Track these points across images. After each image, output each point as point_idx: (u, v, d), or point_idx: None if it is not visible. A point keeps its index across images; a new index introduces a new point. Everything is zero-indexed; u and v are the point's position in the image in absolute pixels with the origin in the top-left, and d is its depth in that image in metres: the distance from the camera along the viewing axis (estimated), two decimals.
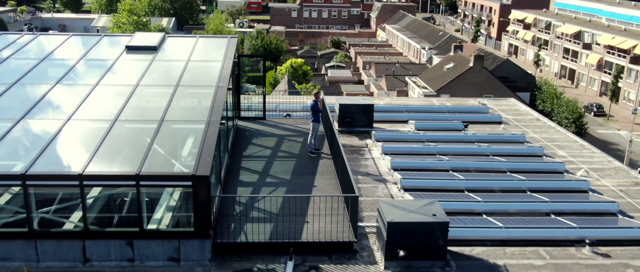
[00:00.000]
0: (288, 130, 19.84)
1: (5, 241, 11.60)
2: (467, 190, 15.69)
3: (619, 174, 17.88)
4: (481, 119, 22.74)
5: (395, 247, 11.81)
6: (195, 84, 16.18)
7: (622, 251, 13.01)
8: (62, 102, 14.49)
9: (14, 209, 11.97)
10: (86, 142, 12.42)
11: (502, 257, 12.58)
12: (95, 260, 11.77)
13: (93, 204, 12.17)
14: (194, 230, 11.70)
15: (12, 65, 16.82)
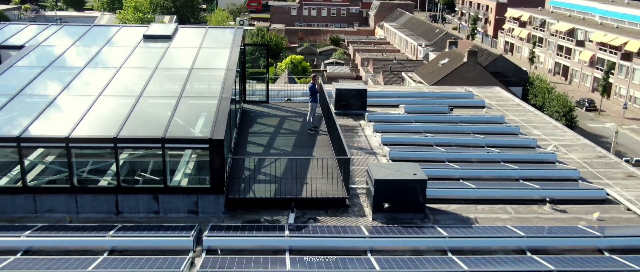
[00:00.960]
0: (289, 112, 21.93)
1: (51, 195, 13.67)
2: (448, 160, 17.78)
3: (585, 149, 19.99)
4: (466, 103, 24.82)
5: (382, 202, 13.89)
6: (207, 67, 18.25)
7: (577, 208, 15.09)
8: (92, 82, 16.56)
9: (58, 168, 14.05)
10: (116, 113, 14.49)
11: (473, 212, 14.67)
12: (126, 212, 13.84)
13: (124, 164, 14.24)
14: (210, 187, 13.78)
15: (44, 51, 18.89)
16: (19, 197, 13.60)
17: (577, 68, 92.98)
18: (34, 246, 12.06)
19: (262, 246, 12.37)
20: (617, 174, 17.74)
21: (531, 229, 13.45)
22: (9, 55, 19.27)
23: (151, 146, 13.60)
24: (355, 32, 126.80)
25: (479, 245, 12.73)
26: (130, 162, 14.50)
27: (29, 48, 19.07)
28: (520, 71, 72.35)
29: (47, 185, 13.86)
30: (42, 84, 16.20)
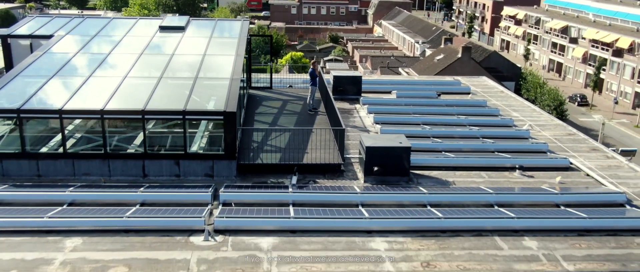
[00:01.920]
0: (291, 96, 24.15)
1: (87, 160, 15.88)
2: (432, 136, 19.99)
3: (557, 128, 22.23)
4: (453, 90, 27.04)
5: (372, 166, 16.10)
6: (218, 53, 20.45)
7: (544, 174, 17.31)
8: (118, 65, 18.76)
9: (94, 137, 16.26)
10: (142, 91, 16.69)
11: (452, 177, 16.88)
12: (151, 175, 16.05)
13: (150, 134, 16.46)
14: (224, 153, 15.99)
15: (72, 39, 21.09)
16: (59, 162, 15.81)
17: (570, 65, 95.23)
18: (77, 199, 14.26)
19: (270, 199, 14.57)
20: (582, 148, 19.97)
21: (500, 189, 15.68)
22: (39, 44, 21.45)
23: (174, 117, 15.82)
24: (354, 30, 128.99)
25: (454, 200, 14.95)
26: (155, 132, 16.70)
27: (57, 37, 21.28)
28: (513, 67, 74.60)
29: (83, 151, 16.05)
30: (75, 67, 18.41)
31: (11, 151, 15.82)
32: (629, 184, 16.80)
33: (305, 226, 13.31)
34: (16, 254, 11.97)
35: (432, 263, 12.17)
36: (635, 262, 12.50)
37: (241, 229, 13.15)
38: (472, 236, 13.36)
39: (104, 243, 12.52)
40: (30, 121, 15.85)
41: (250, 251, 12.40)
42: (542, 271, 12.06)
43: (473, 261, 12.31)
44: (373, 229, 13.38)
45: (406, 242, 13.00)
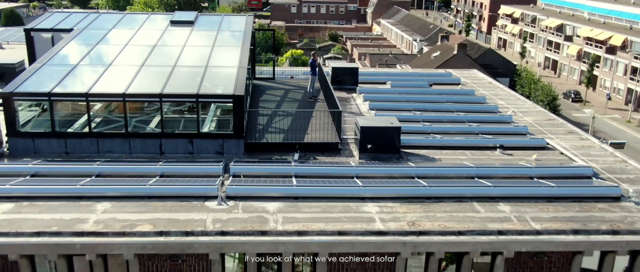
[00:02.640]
0: (292, 86, 25.95)
1: (110, 139, 17.67)
2: (423, 120, 21.78)
3: (539, 114, 24.03)
4: (444, 81, 28.84)
5: (366, 144, 17.90)
6: (226, 44, 22.24)
7: (522, 152, 19.10)
8: (135, 54, 20.56)
9: (116, 117, 18.05)
10: (158, 78, 18.48)
11: (438, 155, 18.67)
12: (167, 152, 17.84)
13: (167, 115, 18.26)
14: (233, 133, 17.79)
15: (92, 32, 22.88)
16: (85, 141, 17.61)
17: (565, 62, 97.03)
18: (103, 171, 16.04)
19: (275, 172, 16.37)
20: (560, 131, 21.78)
21: (481, 164, 17.48)
22: (60, 37, 23.24)
23: (188, 99, 17.62)
24: (353, 28, 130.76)
25: (438, 172, 16.76)
26: (171, 112, 18.50)
27: (77, 31, 23.06)
28: (508, 64, 76.39)
29: (107, 131, 17.84)
30: (96, 56, 20.21)
31: (42, 130, 17.62)
32: (598, 161, 18.62)
33: (306, 193, 15.12)
34: (55, 215, 13.77)
35: (417, 222, 13.97)
36: (595, 222, 14.31)
37: (250, 196, 14.95)
38: (453, 201, 15.17)
39: (130, 206, 14.32)
40: (59, 103, 17.63)
41: (258, 213, 14.20)
42: (512, 229, 13.87)
43: (453, 221, 14.11)
44: (366, 195, 15.18)
45: (395, 206, 14.80)
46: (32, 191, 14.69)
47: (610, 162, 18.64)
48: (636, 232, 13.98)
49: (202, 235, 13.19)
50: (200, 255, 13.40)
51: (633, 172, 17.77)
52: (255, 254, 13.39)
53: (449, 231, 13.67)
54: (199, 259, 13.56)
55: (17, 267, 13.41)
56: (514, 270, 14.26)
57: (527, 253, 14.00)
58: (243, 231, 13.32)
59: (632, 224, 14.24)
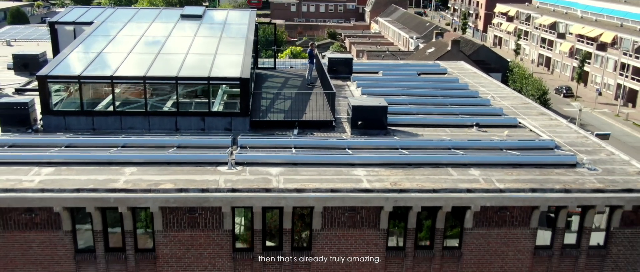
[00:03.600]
0: (291, 75, 28.37)
1: (131, 117, 20.07)
2: (409, 103, 24.20)
3: (516, 99, 26.48)
4: (432, 70, 31.24)
5: (357, 121, 20.32)
6: (232, 36, 24.67)
7: (496, 130, 21.51)
8: (152, 44, 22.97)
9: (137, 98, 20.47)
10: (174, 63, 20.90)
11: (421, 131, 21.08)
12: (182, 129, 20.24)
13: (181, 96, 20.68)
14: (240, 111, 20.20)
15: (111, 25, 25.29)
16: (110, 118, 20.02)
17: (558, 59, 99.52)
18: (128, 143, 18.45)
19: (277, 143, 18.79)
20: (532, 112, 24.22)
21: (457, 138, 19.92)
22: (81, 29, 25.64)
23: (200, 82, 20.05)
24: (351, 27, 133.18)
25: (419, 145, 19.18)
26: (185, 93, 20.93)
27: (97, 23, 25.47)
28: (500, 59, 78.86)
29: (129, 110, 20.26)
30: (117, 45, 22.64)
31: (72, 109, 20.05)
32: (562, 136, 21.06)
33: (304, 160, 17.56)
34: (90, 177, 16.21)
35: (398, 183, 16.42)
36: (551, 183, 16.75)
37: (255, 162, 17.39)
38: (430, 167, 17.60)
39: (153, 171, 16.75)
40: (86, 85, 20.04)
41: (263, 175, 16.64)
42: (479, 188, 16.33)
43: (429, 182, 16.56)
44: (355, 162, 17.62)
45: (380, 171, 17.24)
46: (68, 158, 17.13)
47: (573, 137, 21.09)
48: (585, 190, 16.43)
49: (216, 192, 15.63)
50: (214, 208, 15.83)
51: (591, 146, 20.22)
52: (261, 207, 15.82)
53: (425, 189, 16.12)
54: (213, 213, 15.99)
55: (59, 220, 15.85)
56: (481, 223, 16.69)
57: (492, 208, 16.43)
58: (250, 188, 15.77)
59: (582, 185, 16.69)
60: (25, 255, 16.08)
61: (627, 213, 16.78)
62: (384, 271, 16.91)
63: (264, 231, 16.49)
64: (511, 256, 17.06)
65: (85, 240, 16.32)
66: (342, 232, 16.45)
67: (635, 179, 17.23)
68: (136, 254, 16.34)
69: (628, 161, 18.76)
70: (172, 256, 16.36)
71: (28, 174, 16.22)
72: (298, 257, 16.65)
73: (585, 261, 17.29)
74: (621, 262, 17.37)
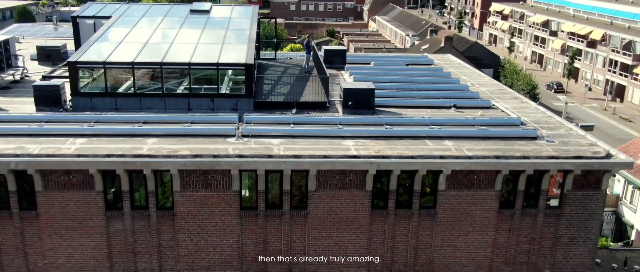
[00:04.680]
0: (291, 64, 31.17)
1: (150, 98, 22.84)
2: (396, 88, 26.97)
3: (492, 86, 29.27)
4: (419, 61, 34.04)
5: (348, 102, 23.10)
6: (237, 28, 27.44)
7: (471, 110, 24.27)
8: (166, 36, 25.74)
9: (155, 82, 23.25)
10: (186, 51, 23.66)
11: (402, 111, 23.82)
12: (194, 108, 22.99)
13: (193, 79, 23.44)
14: (245, 93, 22.98)
15: (127, 18, 28.06)
16: (131, 99, 22.79)
17: (550, 56, 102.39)
18: (148, 119, 21.21)
19: (278, 120, 21.57)
20: (506, 97, 27.02)
21: (435, 117, 22.71)
22: (101, 23, 28.41)
23: (210, 67, 22.83)
24: (350, 25, 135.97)
25: (402, 121, 21.97)
26: (196, 78, 23.71)
27: (115, 18, 28.25)
28: (492, 56, 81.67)
29: (147, 92, 23.04)
30: (134, 36, 25.42)
31: (98, 91, 22.83)
32: (529, 116, 23.85)
33: (301, 133, 20.36)
34: (118, 145, 18.99)
35: (381, 151, 19.20)
36: (512, 152, 19.52)
37: (259, 134, 20.17)
38: (410, 139, 20.39)
39: (172, 141, 19.53)
40: (111, 70, 22.82)
41: (265, 145, 19.42)
42: (450, 154, 19.11)
43: (408, 150, 19.34)
44: (345, 135, 20.42)
45: (366, 142, 20.02)
46: (98, 131, 19.93)
47: (539, 117, 23.89)
48: (541, 157, 19.22)
49: (226, 157, 18.43)
50: (224, 171, 18.62)
51: (553, 124, 23.01)
52: (264, 170, 18.62)
53: (404, 156, 18.92)
54: (223, 175, 18.78)
55: (92, 181, 18.62)
56: (453, 186, 19.48)
57: (461, 172, 19.22)
58: (255, 154, 18.57)
59: (539, 153, 19.49)
60: (63, 212, 18.87)
61: (578, 177, 19.57)
62: (370, 226, 19.71)
63: (267, 192, 19.28)
64: (479, 214, 19.85)
65: (114, 199, 19.10)
66: (333, 192, 19.24)
67: (585, 149, 20.03)
68: (157, 211, 19.13)
69: (583, 136, 21.55)
70: (188, 213, 19.15)
71: (65, 143, 19.01)
72: (296, 214, 19.45)
73: (542, 219, 20.08)
74: (574, 220, 20.16)
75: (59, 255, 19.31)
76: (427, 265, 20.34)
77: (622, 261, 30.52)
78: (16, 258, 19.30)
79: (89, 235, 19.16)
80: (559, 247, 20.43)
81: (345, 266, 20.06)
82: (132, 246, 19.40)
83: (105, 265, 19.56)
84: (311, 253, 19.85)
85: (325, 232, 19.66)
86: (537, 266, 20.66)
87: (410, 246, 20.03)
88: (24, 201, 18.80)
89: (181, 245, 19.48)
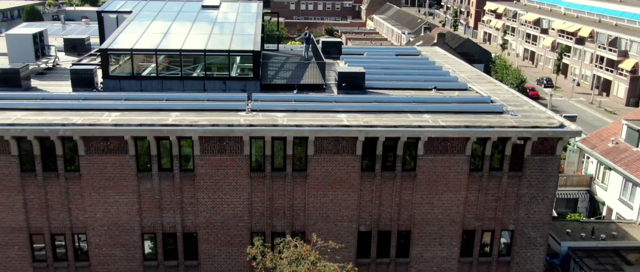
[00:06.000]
0: (292, 54, 34.73)
1: (170, 80, 26.38)
2: (385, 74, 30.54)
3: (472, 73, 32.85)
4: (407, 52, 37.64)
5: (342, 83, 26.66)
6: (244, 21, 31.00)
7: (449, 92, 27.83)
8: (182, 27, 29.29)
9: (174, 66, 26.79)
10: (201, 40, 27.21)
11: (390, 92, 27.36)
12: (209, 90, 26.50)
13: (208, 64, 26.97)
14: (252, 76, 26.53)
15: (147, 13, 31.60)
16: (153, 81, 26.31)
17: (541, 53, 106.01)
18: (170, 97, 24.73)
19: (282, 98, 25.10)
20: (482, 81, 30.60)
21: (417, 96, 26.29)
22: (123, 17, 31.95)
23: (222, 54, 26.38)
24: (348, 24, 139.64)
25: (388, 99, 25.54)
26: (210, 63, 27.26)
27: (135, 12, 31.79)
28: (484, 52, 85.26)
29: (168, 75, 26.59)
30: (155, 27, 28.98)
31: (125, 74, 26.38)
32: (499, 96, 27.41)
33: (301, 107, 23.92)
34: (146, 117, 22.52)
35: (369, 122, 22.75)
36: (480, 122, 23.06)
37: (266, 109, 23.72)
38: (394, 113, 23.93)
39: (191, 115, 23.07)
40: (137, 56, 26.36)
41: (271, 117, 22.96)
42: (427, 124, 22.65)
43: (391, 121, 22.89)
44: (339, 109, 23.98)
45: (357, 115, 23.57)
46: (129, 106, 23.48)
47: (508, 97, 27.46)
48: (503, 127, 22.77)
49: (238, 126, 21.98)
50: (237, 138, 22.16)
51: (520, 102, 26.57)
52: (271, 137, 22.17)
53: (388, 125, 22.47)
54: (236, 142, 22.32)
55: (126, 147, 22.15)
56: (430, 151, 23.01)
57: (437, 139, 22.76)
58: (263, 124, 22.12)
59: (502, 123, 23.04)
60: (102, 173, 22.40)
61: (536, 144, 23.11)
62: (360, 186, 23.26)
63: (273, 156, 22.82)
64: (452, 176, 23.40)
65: (144, 162, 22.63)
66: (329, 157, 22.78)
67: (543, 120, 23.59)
68: (180, 173, 22.67)
69: (544, 111, 25.11)
70: (206, 174, 22.69)
71: (102, 116, 22.56)
72: (297, 175, 22.99)
73: (506, 180, 23.62)
74: (533, 181, 23.71)
75: (97, 210, 22.86)
76: (408, 220, 23.89)
77: (590, 230, 34.20)
78: (61, 213, 22.84)
79: (122, 193, 22.70)
80: (521, 205, 23.97)
81: (339, 220, 23.61)
82: (159, 202, 22.94)
83: (136, 219, 23.10)
84: (310, 209, 23.40)
85: (322, 191, 23.21)
86: (503, 221, 24.21)
87: (394, 203, 23.58)
88: (68, 163, 22.34)
89: (200, 202, 23.03)
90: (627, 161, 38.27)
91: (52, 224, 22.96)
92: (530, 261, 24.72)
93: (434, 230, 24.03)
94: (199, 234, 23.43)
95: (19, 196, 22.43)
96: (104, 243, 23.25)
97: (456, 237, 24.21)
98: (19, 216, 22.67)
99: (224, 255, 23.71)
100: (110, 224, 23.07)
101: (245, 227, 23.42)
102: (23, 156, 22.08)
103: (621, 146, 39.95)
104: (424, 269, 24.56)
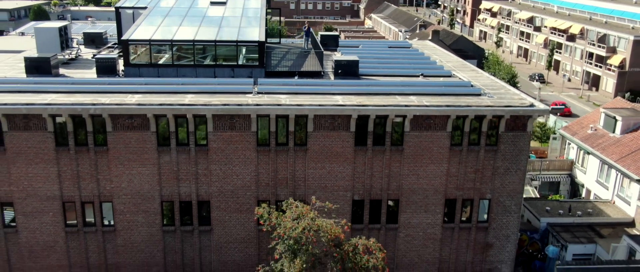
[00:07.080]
0: (293, 46, 37.81)
1: (184, 68, 29.42)
2: (377, 63, 33.62)
3: (458, 63, 35.95)
4: (399, 45, 40.75)
5: (338, 70, 29.74)
6: (250, 15, 34.08)
7: (435, 78, 30.90)
8: (193, 20, 32.35)
9: (188, 55, 29.88)
10: (211, 32, 30.28)
11: (381, 78, 30.42)
12: (219, 76, 29.57)
13: (218, 54, 30.04)
14: (258, 64, 29.61)
15: (161, 8, 34.68)
16: (169, 69, 29.37)
17: (534, 50, 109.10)
18: (185, 82, 27.80)
19: (284, 82, 28.16)
20: (466, 69, 33.69)
21: (406, 81, 29.37)
22: (138, 13, 35.02)
23: (231, 44, 29.46)
24: (347, 23, 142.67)
25: (379, 83, 28.61)
26: (220, 52, 30.35)
27: (151, 8, 34.87)
28: (477, 48, 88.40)
29: (182, 63, 29.65)
30: (170, 20, 32.06)
31: (144, 63, 29.45)
32: (480, 82, 30.50)
33: (302, 90, 27.01)
34: (165, 99, 25.60)
35: (361, 102, 25.83)
36: (459, 103, 26.12)
37: (270, 92, 26.80)
38: (384, 95, 27.00)
39: (206, 96, 26.13)
40: (154, 46, 29.44)
41: (276, 98, 26.03)
42: (413, 104, 25.72)
43: (382, 102, 25.96)
44: (335, 92, 27.06)
45: (351, 96, 26.64)
46: (149, 89, 26.56)
47: (488, 83, 30.55)
48: (480, 106, 25.84)
49: (247, 105, 25.06)
50: (245, 116, 25.23)
51: (497, 87, 29.65)
52: (275, 115, 25.25)
53: (378, 105, 25.55)
54: (245, 119, 25.38)
55: (148, 124, 25.21)
56: (415, 128, 26.07)
57: (421, 117, 25.82)
58: (268, 104, 25.21)
59: (479, 103, 26.12)
60: (127, 147, 25.47)
61: (509, 121, 26.16)
62: (353, 159, 26.33)
63: (277, 132, 25.88)
64: (436, 150, 26.45)
65: (164, 138, 25.68)
66: (326, 133, 25.84)
67: (515, 101, 26.67)
68: (196, 147, 25.73)
69: (518, 94, 28.17)
70: (218, 149, 25.76)
71: (126, 97, 25.63)
72: (298, 149, 26.06)
73: (483, 154, 26.68)
74: (507, 155, 26.76)
75: (122, 180, 25.93)
76: (397, 190, 26.96)
77: (567, 208, 37.31)
78: (90, 183, 25.90)
79: (144, 165, 25.77)
80: (496, 176, 27.03)
81: (336, 190, 26.68)
82: (177, 173, 26.01)
83: (156, 188, 26.16)
84: (310, 179, 26.45)
85: (320, 163, 26.27)
86: (481, 191, 27.27)
87: (384, 175, 26.64)
88: (97, 139, 25.39)
89: (213, 173, 26.09)
90: (603, 146, 41.35)
91: (82, 193, 26.02)
92: (505, 227, 27.78)
93: (419, 199, 27.09)
94: (211, 202, 26.50)
95: (54, 167, 25.49)
96: (128, 210, 26.31)
97: (440, 205, 27.27)
98: (54, 186, 25.74)
99: (234, 221, 26.78)
100: (133, 193, 26.12)
101: (252, 196, 26.50)
102: (57, 132, 25.14)
103: (599, 132, 43.03)
104: (411, 234, 27.61)
